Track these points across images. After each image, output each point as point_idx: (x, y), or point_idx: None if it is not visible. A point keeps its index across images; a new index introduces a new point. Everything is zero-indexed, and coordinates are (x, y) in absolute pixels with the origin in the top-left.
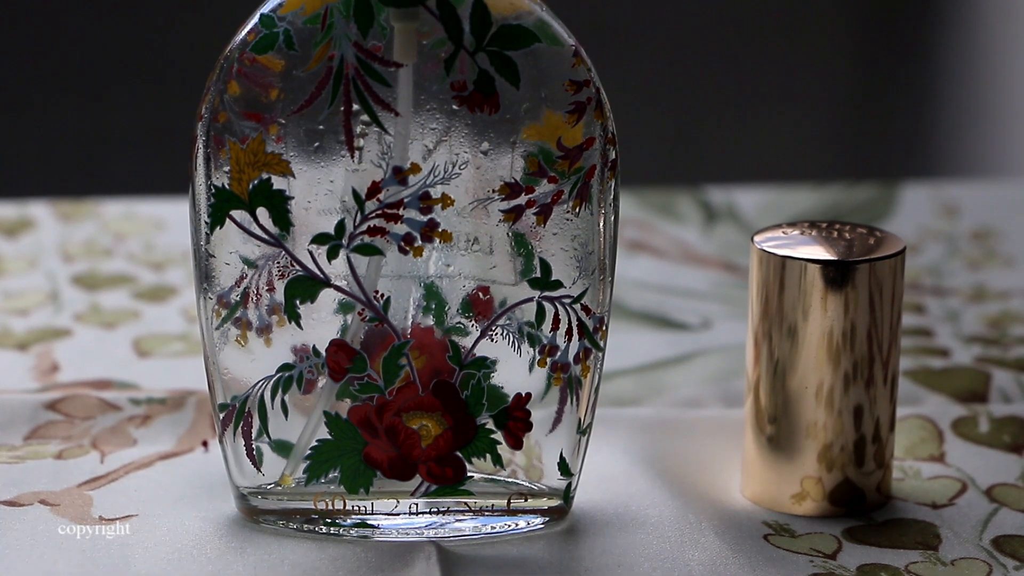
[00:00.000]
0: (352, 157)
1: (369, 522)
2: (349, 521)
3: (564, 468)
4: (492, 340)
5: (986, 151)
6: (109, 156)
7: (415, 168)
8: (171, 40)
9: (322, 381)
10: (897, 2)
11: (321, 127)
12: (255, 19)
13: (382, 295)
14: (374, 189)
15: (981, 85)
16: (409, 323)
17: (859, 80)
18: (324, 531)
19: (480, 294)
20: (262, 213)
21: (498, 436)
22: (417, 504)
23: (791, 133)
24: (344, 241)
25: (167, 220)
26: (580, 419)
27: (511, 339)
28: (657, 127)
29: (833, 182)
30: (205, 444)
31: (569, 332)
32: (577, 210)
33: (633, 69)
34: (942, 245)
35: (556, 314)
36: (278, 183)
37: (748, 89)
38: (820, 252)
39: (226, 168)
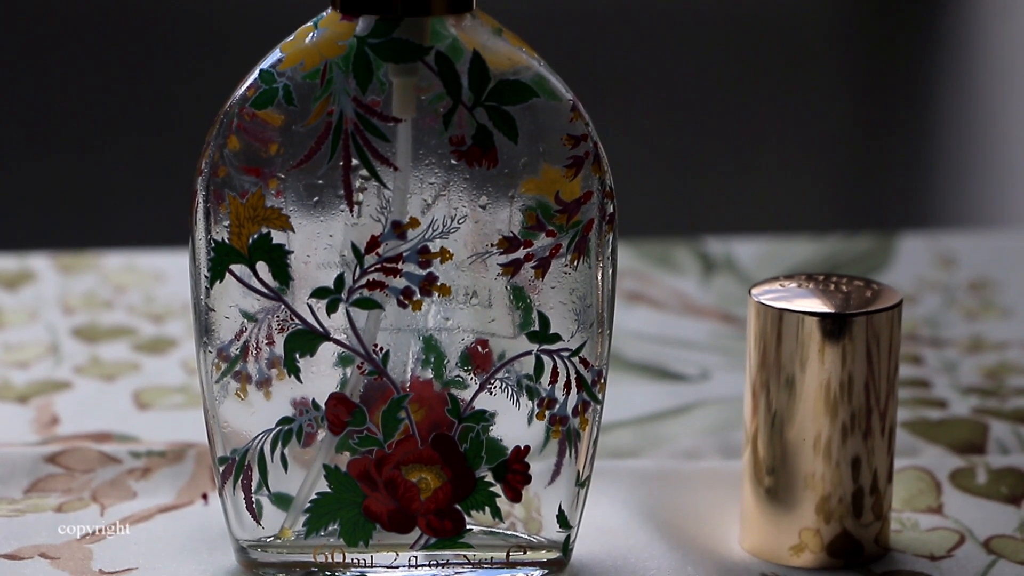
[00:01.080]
0: (351, 211)
1: (369, 575)
2: (349, 574)
3: (563, 520)
4: (491, 393)
5: (983, 202)
6: (109, 208)
7: (414, 222)
8: (170, 93)
9: (322, 434)
10: (894, 53)
11: (320, 182)
12: (255, 74)
13: (381, 348)
14: (373, 243)
15: (978, 136)
16: (408, 376)
17: (856, 131)
18: None
19: (479, 347)
20: (262, 267)
21: (497, 489)
22: (416, 557)
23: (789, 184)
24: (343, 295)
25: (167, 272)
26: (579, 471)
27: (510, 392)
28: (655, 178)
29: (831, 233)
30: (205, 497)
31: (568, 385)
32: (575, 264)
33: (630, 120)
34: (939, 296)
35: (555, 367)
36: (278, 237)
37: (746, 140)
38: (817, 305)
39: (226, 222)
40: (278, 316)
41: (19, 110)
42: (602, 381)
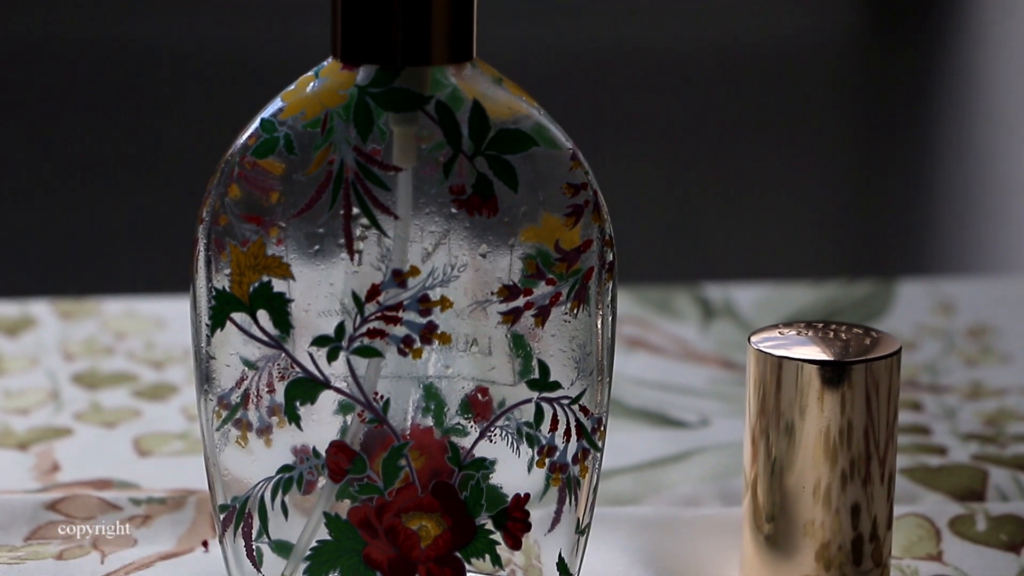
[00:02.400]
0: (352, 260)
1: None
2: None
3: (563, 568)
4: (491, 441)
5: (981, 248)
6: (110, 255)
7: (414, 271)
8: (171, 140)
9: (322, 482)
10: (894, 100)
11: (321, 230)
12: (256, 123)
13: (382, 396)
14: (373, 292)
15: (976, 183)
16: (408, 424)
17: (856, 177)
18: None
19: (479, 395)
20: (262, 315)
21: (497, 536)
22: None
23: (788, 229)
24: (344, 343)
25: (167, 318)
26: (579, 519)
27: (510, 440)
28: (654, 224)
29: (830, 278)
30: (205, 544)
31: (567, 433)
32: (575, 312)
33: (630, 166)
34: (939, 342)
35: (555, 415)
36: (278, 286)
37: (745, 186)
38: (816, 352)
39: (227, 271)
40: (279, 364)
41: (21, 157)
42: (602, 429)
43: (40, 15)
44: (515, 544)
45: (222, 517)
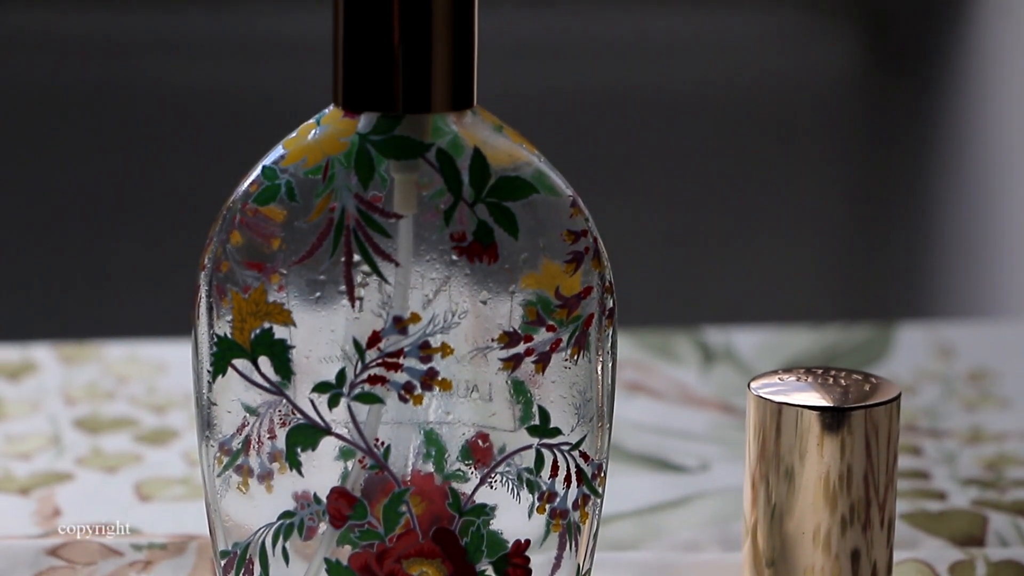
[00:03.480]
0: (353, 306)
1: None
2: None
3: None
4: (491, 487)
5: (981, 292)
6: (111, 298)
7: (415, 318)
8: (172, 184)
9: (323, 528)
10: (892, 142)
11: (322, 277)
12: (257, 171)
13: (382, 443)
14: (374, 338)
15: (976, 226)
16: (409, 470)
17: (855, 220)
18: None
19: (479, 441)
20: (264, 362)
21: None
22: None
23: (787, 272)
24: (345, 389)
25: (169, 362)
26: (579, 565)
27: (510, 486)
28: (654, 266)
29: (829, 322)
30: None
31: (568, 479)
32: (575, 358)
33: (629, 209)
34: (938, 386)
35: (555, 461)
36: (280, 332)
37: (744, 229)
38: (816, 398)
39: (228, 317)
40: (280, 410)
41: (22, 200)
42: (602, 474)
43: (44, 59)
44: None
45: (223, 563)
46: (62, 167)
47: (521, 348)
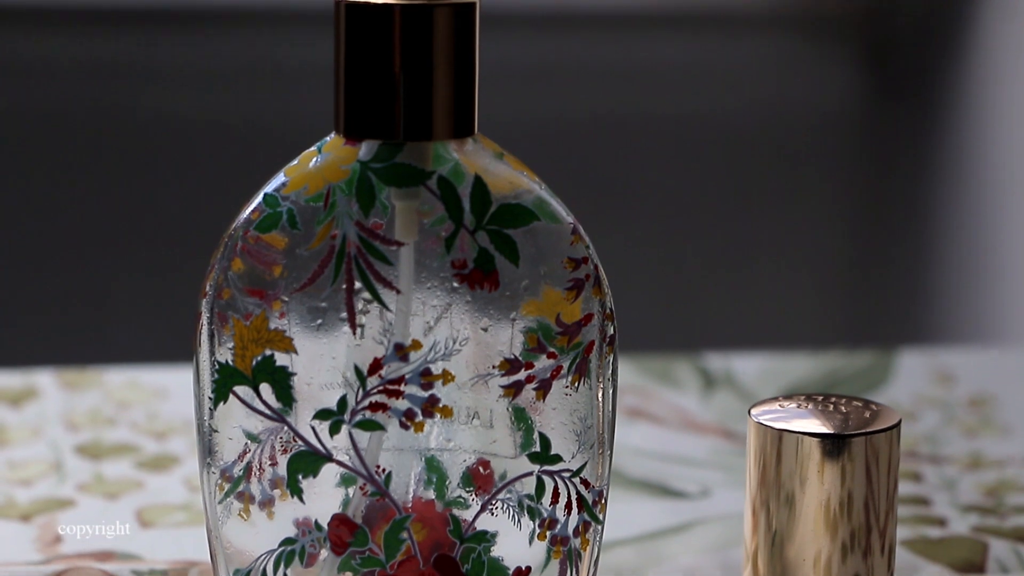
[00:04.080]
0: (354, 334)
1: None
2: None
3: None
4: (492, 514)
5: (981, 318)
6: (112, 324)
7: (416, 345)
8: (174, 210)
9: (324, 554)
10: (893, 168)
11: (324, 304)
12: (259, 198)
13: (383, 469)
14: (376, 365)
15: (976, 252)
16: (410, 497)
17: (855, 246)
18: None
19: (480, 468)
20: (265, 389)
21: None
22: None
23: (788, 298)
24: (346, 416)
25: (170, 388)
26: None
27: (511, 512)
28: (655, 292)
29: (830, 347)
30: None
31: (568, 506)
32: (576, 385)
33: (630, 235)
34: (938, 412)
35: (556, 488)
36: (281, 359)
37: (745, 255)
38: (816, 425)
39: (230, 344)
40: (281, 437)
41: (23, 226)
42: (603, 501)
43: (45, 85)
44: None
45: None
46: (64, 193)
47: (522, 375)
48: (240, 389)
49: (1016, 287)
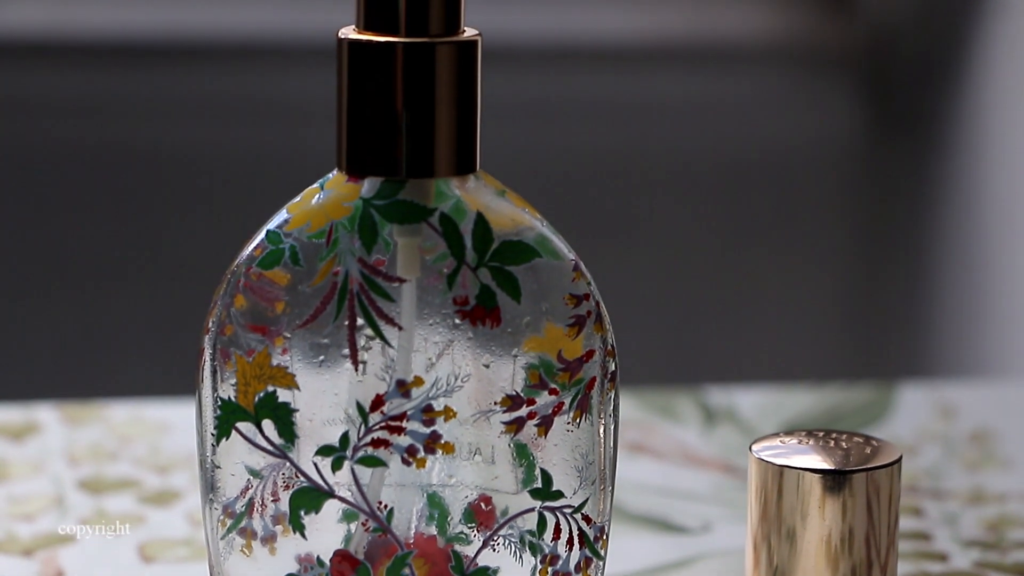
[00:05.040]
0: (356, 370)
1: None
2: None
3: None
4: (494, 549)
5: (983, 352)
6: (115, 357)
7: (418, 381)
8: (176, 244)
9: None
10: (893, 202)
11: (326, 340)
12: (262, 235)
13: (385, 505)
14: (378, 402)
15: (978, 286)
16: (412, 532)
17: (856, 280)
18: None
19: (482, 504)
20: (267, 425)
21: None
22: None
23: (789, 332)
24: (348, 452)
25: (172, 423)
26: None
27: (513, 548)
28: (655, 326)
29: (831, 380)
30: None
31: (570, 541)
32: (578, 421)
33: (631, 270)
34: (940, 447)
35: (557, 524)
36: (283, 395)
37: (746, 289)
38: (817, 461)
39: (232, 381)
40: (283, 473)
41: (25, 260)
42: (604, 537)
43: (45, 120)
44: None
45: None
46: (65, 227)
47: (524, 411)
48: (242, 425)
49: (1018, 320)
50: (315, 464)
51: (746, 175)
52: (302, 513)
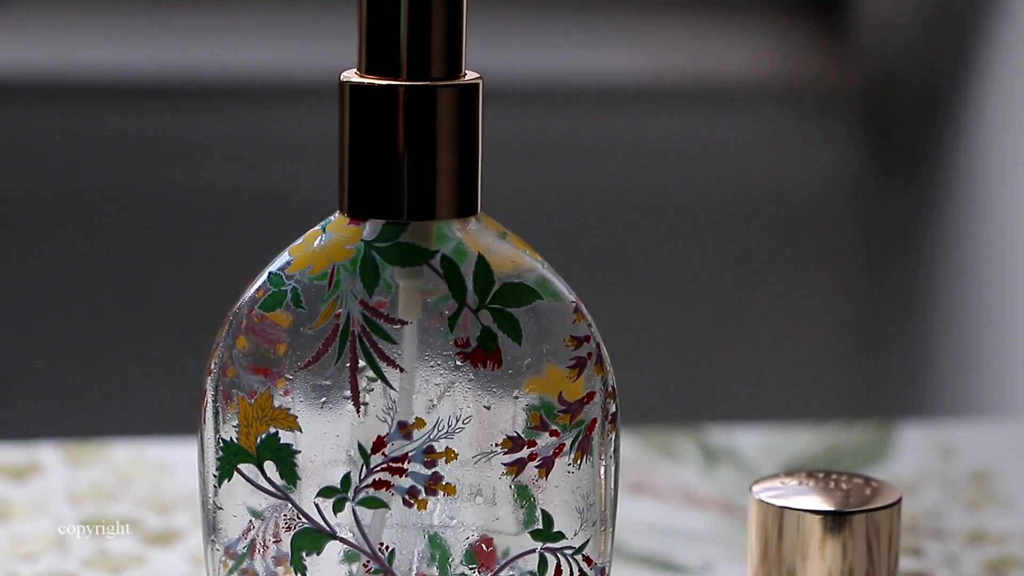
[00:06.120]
0: (358, 412)
1: None
2: None
3: None
4: None
5: (983, 391)
6: (116, 396)
7: (419, 423)
8: (175, 286)
9: None
10: (894, 243)
11: (327, 382)
12: (264, 277)
13: (387, 547)
14: (379, 443)
15: (977, 325)
16: (413, 573)
17: (856, 319)
18: None
19: (483, 545)
20: (269, 466)
21: None
22: None
23: (789, 370)
24: (350, 494)
25: (174, 462)
26: None
27: None
28: (655, 364)
29: (831, 419)
30: None
31: None
32: (578, 463)
33: (631, 309)
34: (940, 487)
35: (558, 565)
36: (285, 437)
37: (746, 329)
38: (817, 502)
39: (234, 422)
40: (285, 514)
41: (26, 299)
42: None
43: (43, 161)
44: None
45: None
46: (66, 267)
47: (525, 453)
48: (244, 466)
49: (1018, 360)
50: (317, 505)
51: (745, 215)
52: (304, 554)
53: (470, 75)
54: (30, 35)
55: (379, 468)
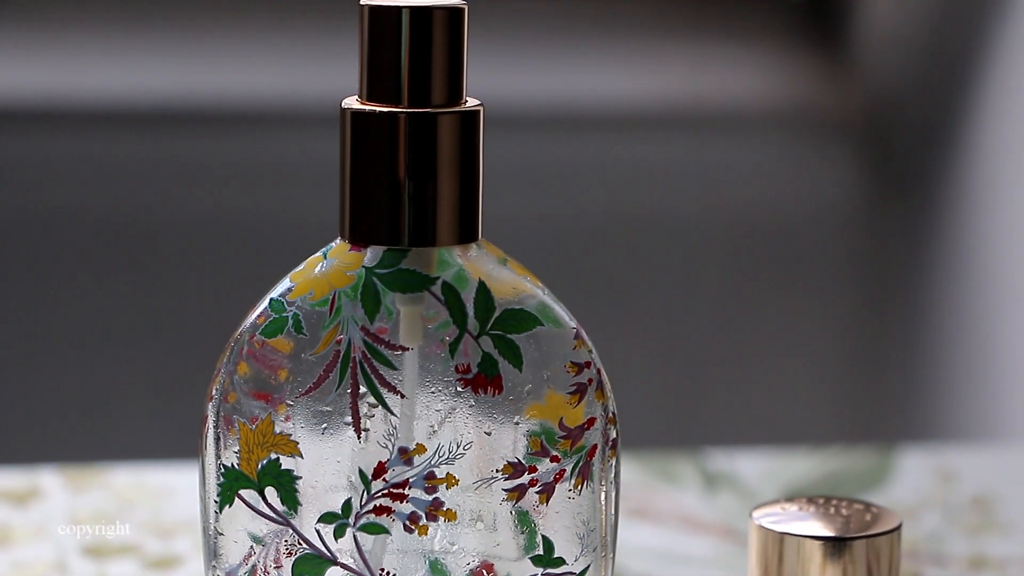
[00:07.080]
0: (359, 438)
1: None
2: None
3: None
4: None
5: (983, 416)
6: (117, 421)
7: (420, 449)
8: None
9: None
10: (894, 267)
11: (328, 408)
12: (265, 303)
13: (388, 572)
14: (380, 469)
15: (978, 349)
16: None
17: (856, 344)
18: None
19: (484, 571)
20: (270, 492)
21: None
22: None
23: (789, 394)
24: (351, 520)
25: (175, 487)
26: None
27: None
28: (655, 389)
29: (831, 443)
30: None
31: None
32: (579, 488)
33: (631, 333)
34: (940, 512)
35: None
36: (286, 463)
37: (746, 353)
38: (818, 528)
39: (235, 448)
40: (286, 540)
41: (27, 324)
42: None
43: (45, 184)
44: None
45: None
46: (68, 291)
47: (525, 479)
48: (245, 492)
49: (1018, 384)
50: (318, 531)
51: (745, 239)
52: None
53: (471, 102)
54: (31, 60)
55: (380, 494)
